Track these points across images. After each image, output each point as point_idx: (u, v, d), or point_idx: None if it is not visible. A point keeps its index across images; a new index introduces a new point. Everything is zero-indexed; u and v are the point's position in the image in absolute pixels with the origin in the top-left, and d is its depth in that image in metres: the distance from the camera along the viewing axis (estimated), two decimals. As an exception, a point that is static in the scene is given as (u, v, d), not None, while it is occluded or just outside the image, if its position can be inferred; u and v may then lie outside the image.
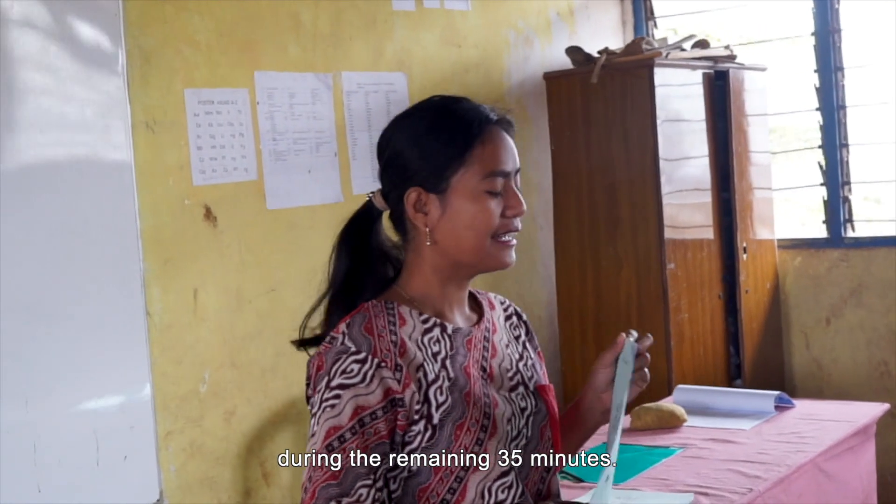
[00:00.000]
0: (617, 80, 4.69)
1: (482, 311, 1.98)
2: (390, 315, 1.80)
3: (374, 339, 1.75)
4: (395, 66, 4.35)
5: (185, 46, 3.63)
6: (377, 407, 1.72)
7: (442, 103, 1.88)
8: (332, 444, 1.70)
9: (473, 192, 1.81)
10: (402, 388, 1.74)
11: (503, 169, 1.83)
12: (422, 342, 1.80)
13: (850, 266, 5.16)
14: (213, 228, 3.69)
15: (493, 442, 1.80)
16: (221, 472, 3.69)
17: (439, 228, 1.82)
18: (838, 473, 3.47)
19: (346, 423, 1.70)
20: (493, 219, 1.81)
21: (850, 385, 5.17)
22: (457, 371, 1.82)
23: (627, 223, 4.68)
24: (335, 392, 1.72)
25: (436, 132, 1.83)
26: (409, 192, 1.83)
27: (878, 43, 5.16)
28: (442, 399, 1.77)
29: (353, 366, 1.72)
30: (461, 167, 1.81)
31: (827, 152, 5.23)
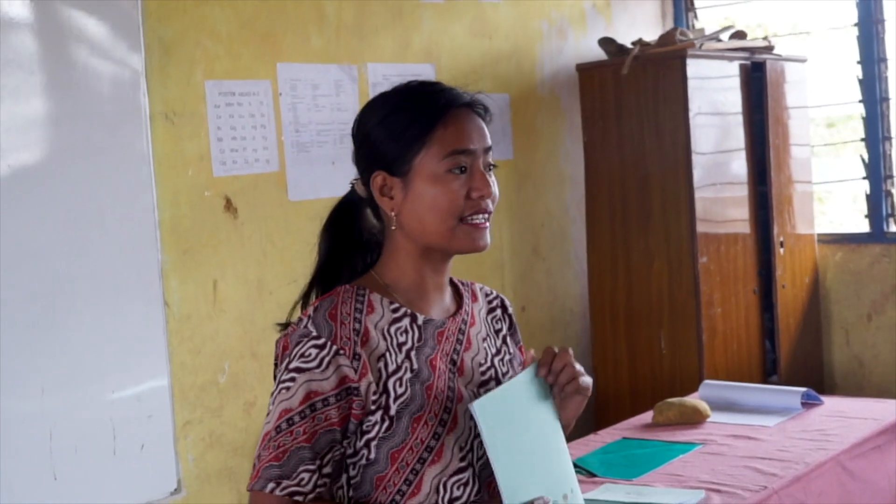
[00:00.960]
0: (650, 72, 4.63)
1: (462, 301, 1.94)
2: (359, 302, 1.79)
3: (336, 325, 1.74)
4: (422, 57, 4.33)
5: (206, 38, 3.64)
6: (330, 393, 1.70)
7: (411, 86, 1.85)
8: (282, 425, 1.70)
9: (434, 174, 1.77)
10: (359, 376, 1.72)
11: (466, 147, 1.78)
12: (388, 332, 1.78)
13: (893, 261, 5.06)
14: (233, 220, 3.69)
15: (452, 437, 1.78)
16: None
17: (404, 212, 1.79)
18: (864, 472, 3.40)
19: (297, 407, 1.70)
20: (457, 200, 1.77)
21: (892, 382, 5.06)
22: (421, 363, 1.80)
23: (659, 216, 4.62)
24: (291, 374, 1.72)
25: (398, 115, 1.80)
26: (375, 175, 1.80)
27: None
28: (401, 391, 1.76)
29: (312, 350, 1.72)
30: (422, 149, 1.77)
31: (870, 145, 5.12)
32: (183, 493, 3.54)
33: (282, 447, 1.69)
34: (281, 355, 1.78)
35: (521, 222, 4.77)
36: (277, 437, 1.70)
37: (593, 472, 3.10)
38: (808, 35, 5.48)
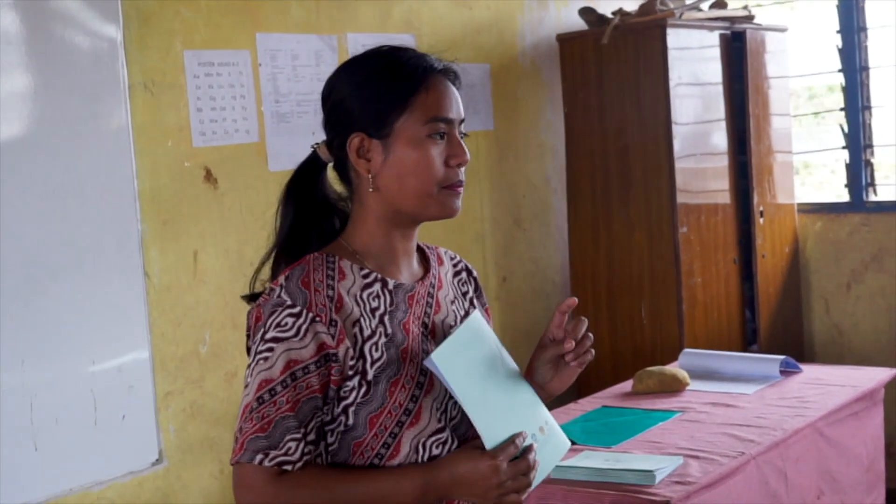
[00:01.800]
0: (630, 42, 4.63)
1: (429, 266, 1.96)
2: (330, 269, 1.79)
3: (310, 293, 1.74)
4: (403, 27, 4.31)
5: (185, 8, 3.62)
6: (310, 361, 1.71)
7: (386, 51, 1.87)
8: (263, 396, 1.70)
9: (416, 138, 1.79)
10: (336, 343, 1.73)
11: (446, 115, 1.81)
12: (360, 297, 1.79)
13: (872, 231, 5.09)
14: (213, 190, 3.69)
15: (430, 399, 1.80)
16: (222, 433, 3.70)
17: (382, 174, 1.80)
18: (841, 439, 3.44)
19: (278, 376, 1.70)
20: (436, 166, 1.80)
21: (871, 351, 5.10)
22: (395, 327, 1.81)
23: (640, 187, 4.63)
24: (269, 345, 1.72)
25: (379, 78, 1.81)
26: (352, 137, 1.80)
27: None
28: (377, 355, 1.77)
29: (288, 319, 1.72)
30: (404, 112, 1.79)
31: (849, 115, 5.14)
32: (164, 463, 3.54)
33: (266, 418, 1.69)
34: (254, 326, 1.78)
35: (502, 193, 4.77)
36: (260, 409, 1.70)
37: (573, 439, 3.12)
38: (789, 4, 5.49)
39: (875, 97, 5.11)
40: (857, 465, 3.52)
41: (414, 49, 1.89)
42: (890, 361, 4.87)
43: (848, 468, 3.46)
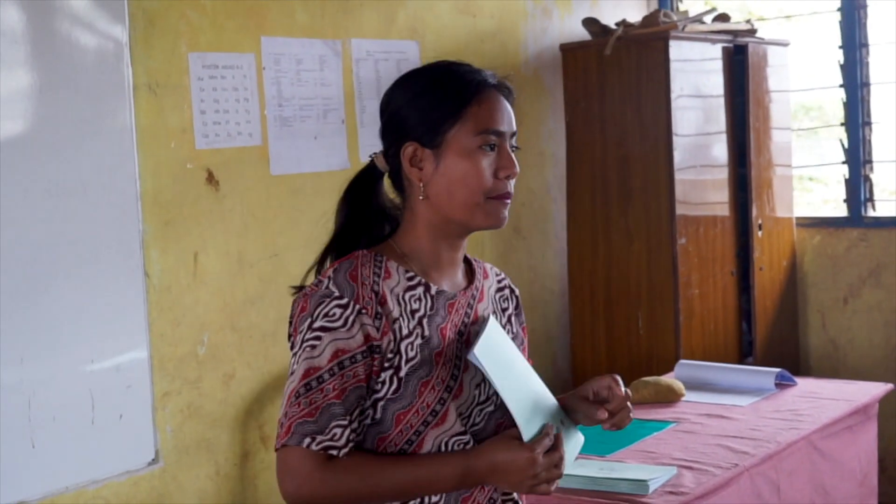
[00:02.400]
0: (633, 53, 4.65)
1: (473, 278, 2.01)
2: (377, 266, 1.85)
3: (357, 286, 1.80)
4: (406, 34, 4.34)
5: (190, 10, 3.64)
6: (357, 351, 1.77)
7: (443, 65, 1.94)
8: (311, 383, 1.75)
9: (467, 149, 1.85)
10: (381, 335, 1.79)
11: (497, 128, 1.87)
12: (402, 298, 1.85)
13: (870, 246, 5.10)
14: (215, 192, 3.70)
15: (456, 403, 1.85)
16: (219, 434, 3.72)
17: (433, 183, 1.86)
18: (834, 452, 3.45)
19: (326, 365, 1.75)
20: (485, 177, 1.85)
21: (867, 366, 5.11)
22: (432, 331, 1.86)
23: (639, 197, 4.64)
24: (316, 334, 1.77)
25: (433, 90, 1.88)
26: (406, 146, 1.87)
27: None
28: (412, 354, 1.82)
29: (336, 310, 1.77)
30: (456, 123, 1.85)
31: (849, 130, 5.16)
32: (160, 463, 3.56)
33: (313, 404, 1.74)
34: (299, 315, 1.82)
35: (503, 200, 4.78)
36: (308, 395, 1.75)
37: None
38: (791, 19, 5.51)
39: (875, 113, 5.13)
40: (851, 479, 3.53)
41: (470, 64, 1.94)
42: (885, 376, 4.87)
43: (841, 482, 3.47)
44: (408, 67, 4.22)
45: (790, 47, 5.24)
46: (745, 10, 5.80)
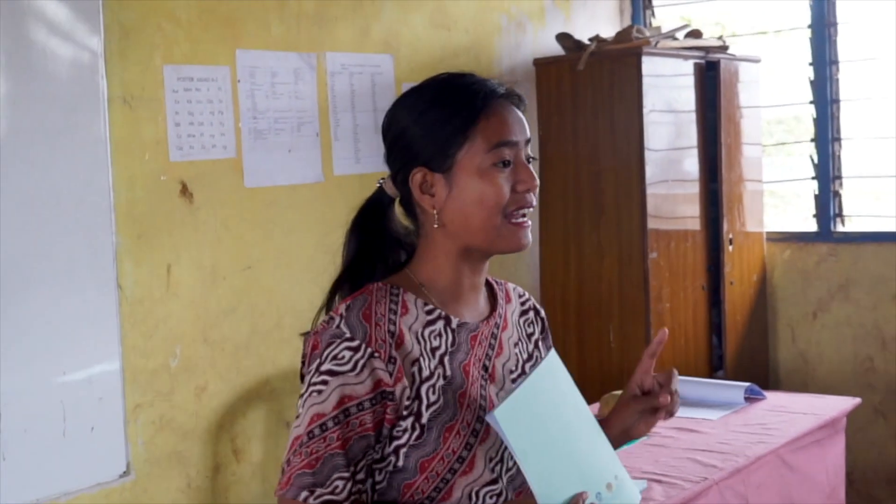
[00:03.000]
0: (605, 68, 4.68)
1: (496, 303, 1.87)
2: (393, 302, 1.73)
3: (370, 326, 1.68)
4: (381, 47, 4.35)
5: (166, 22, 3.65)
6: (365, 398, 1.65)
7: (445, 79, 1.79)
8: (314, 430, 1.65)
9: (480, 168, 1.71)
10: (394, 381, 1.67)
11: (509, 139, 1.73)
12: (421, 335, 1.72)
13: (839, 261, 5.15)
14: (188, 205, 3.71)
15: (484, 448, 1.73)
16: (191, 446, 3.71)
17: (447, 209, 1.73)
18: (803, 466, 3.48)
19: (331, 412, 1.65)
20: (503, 194, 1.71)
21: (835, 380, 5.16)
22: (454, 369, 1.74)
23: (612, 211, 4.68)
24: (323, 377, 1.66)
25: (438, 108, 1.74)
26: (414, 173, 1.75)
27: (873, 37, 5.14)
28: (433, 398, 1.70)
29: (345, 352, 1.66)
30: (465, 142, 1.72)
31: (819, 146, 5.21)
32: (132, 476, 3.55)
33: (314, 454, 1.64)
34: (310, 355, 1.71)
35: (476, 214, 4.80)
36: (310, 444, 1.64)
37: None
38: (764, 35, 5.56)
39: (845, 129, 5.18)
40: (819, 492, 3.56)
41: (473, 74, 1.80)
42: (853, 390, 4.92)
43: (809, 495, 3.50)
44: (382, 81, 4.31)
45: (762, 64, 5.29)
46: (718, 24, 5.86)
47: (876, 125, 5.20)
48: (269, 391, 3.94)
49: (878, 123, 5.19)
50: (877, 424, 5.06)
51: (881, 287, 5.02)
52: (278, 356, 3.95)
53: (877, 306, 5.04)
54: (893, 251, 4.99)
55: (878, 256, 5.03)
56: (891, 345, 5.01)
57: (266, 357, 3.92)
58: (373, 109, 4.27)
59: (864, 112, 5.21)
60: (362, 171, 4.22)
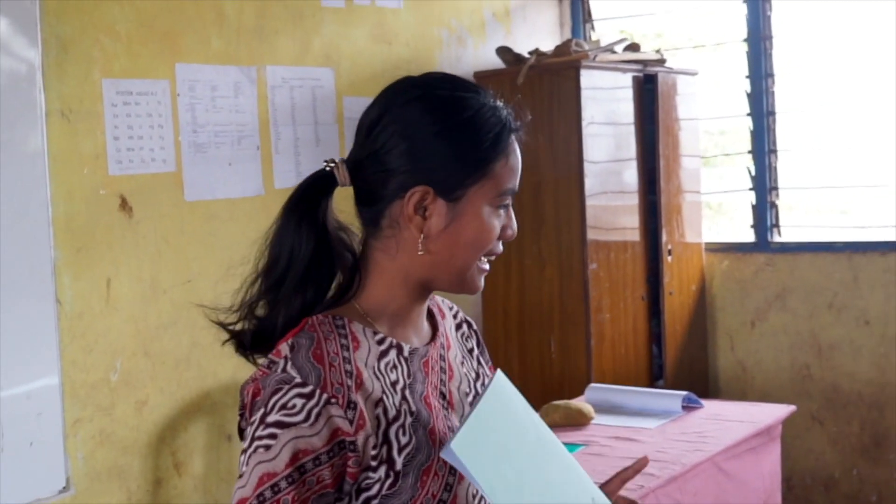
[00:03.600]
0: (545, 81, 4.73)
1: (435, 322, 1.72)
2: (342, 337, 1.53)
3: (324, 368, 1.48)
4: (322, 61, 4.37)
5: (104, 36, 3.64)
6: (322, 451, 1.45)
7: (470, 97, 1.61)
8: (265, 493, 1.43)
9: (486, 208, 1.58)
10: (355, 429, 1.46)
11: (515, 187, 1.62)
12: (379, 370, 1.54)
13: (776, 270, 5.23)
14: (128, 218, 3.70)
15: (464, 486, 1.57)
16: (131, 461, 3.70)
17: (439, 239, 1.57)
18: (739, 473, 3.53)
19: (283, 470, 1.43)
20: (494, 238, 1.60)
21: (773, 388, 5.24)
22: (417, 403, 1.56)
23: (552, 223, 4.72)
24: (271, 430, 1.44)
25: (470, 131, 1.57)
26: (416, 188, 1.55)
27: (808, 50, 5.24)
28: (405, 440, 1.52)
29: (296, 400, 1.45)
30: (482, 178, 1.57)
31: (756, 157, 5.29)
32: (72, 491, 3.54)
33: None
34: (250, 405, 1.50)
35: (418, 226, 4.83)
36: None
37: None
38: (703, 48, 5.64)
39: (781, 141, 5.27)
40: (755, 498, 3.62)
41: (492, 94, 1.65)
42: (790, 398, 5.01)
43: (746, 502, 3.56)
44: (323, 94, 4.32)
45: (699, 76, 5.37)
46: (660, 38, 5.93)
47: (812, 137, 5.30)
48: (210, 404, 3.93)
49: (814, 135, 5.29)
50: (814, 431, 5.14)
51: (817, 296, 5.11)
52: (219, 369, 3.95)
53: (813, 315, 5.13)
54: (829, 261, 5.08)
55: (813, 266, 5.12)
56: (827, 353, 5.10)
57: (207, 370, 3.92)
58: (313, 123, 4.29)
59: (800, 124, 5.31)
60: (303, 184, 4.23)
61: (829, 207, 5.81)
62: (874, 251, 4.98)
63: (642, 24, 5.86)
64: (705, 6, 5.47)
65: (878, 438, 5.00)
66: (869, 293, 4.98)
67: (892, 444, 4.97)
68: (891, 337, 4.93)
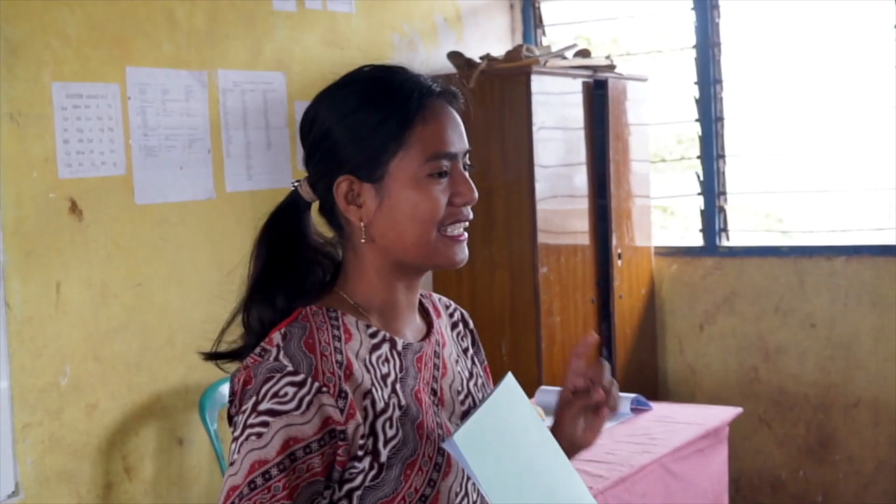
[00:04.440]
0: (496, 87, 4.76)
1: (430, 318, 1.71)
2: (335, 328, 1.54)
3: (315, 357, 1.49)
4: (273, 65, 4.38)
5: (54, 40, 3.63)
6: (313, 439, 1.45)
7: (375, 74, 1.62)
8: (256, 480, 1.44)
9: (415, 178, 1.54)
10: (346, 418, 1.47)
11: (449, 150, 1.57)
12: (370, 362, 1.54)
13: (724, 274, 5.29)
14: (78, 222, 3.69)
15: (448, 482, 1.56)
16: (81, 465, 3.69)
17: (377, 223, 1.56)
18: (686, 474, 3.58)
19: (274, 457, 1.44)
20: (439, 207, 1.55)
21: (721, 390, 5.30)
22: (408, 397, 1.57)
23: (503, 227, 4.75)
24: (263, 418, 1.45)
25: (369, 109, 1.55)
26: (340, 181, 1.56)
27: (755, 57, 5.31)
28: (392, 433, 1.52)
29: (288, 388, 1.46)
30: (399, 150, 1.54)
31: (704, 163, 5.35)
32: (21, 495, 3.52)
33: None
34: (241, 392, 1.50)
35: (369, 230, 4.84)
36: (251, 495, 1.43)
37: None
38: (656, 54, 5.69)
39: (729, 146, 5.33)
40: (702, 499, 3.67)
41: (406, 69, 1.63)
42: (738, 400, 5.07)
43: (693, 502, 3.61)
44: (274, 98, 4.33)
45: (650, 82, 5.42)
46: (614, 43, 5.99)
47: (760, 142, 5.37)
48: (160, 408, 3.93)
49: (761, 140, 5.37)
50: (761, 433, 5.21)
51: (764, 300, 5.18)
52: (170, 373, 3.94)
53: (760, 318, 5.20)
54: (776, 265, 5.15)
55: (761, 270, 5.19)
56: (774, 356, 5.17)
57: (158, 374, 3.91)
58: (265, 127, 4.30)
59: (748, 129, 5.38)
60: (254, 187, 4.24)
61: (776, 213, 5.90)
62: (819, 255, 5.05)
63: (595, 29, 5.92)
64: (657, 12, 5.52)
65: (823, 439, 5.08)
66: (815, 297, 5.06)
67: (838, 445, 5.04)
68: (836, 340, 5.01)
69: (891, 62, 4.84)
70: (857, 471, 5.01)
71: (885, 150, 4.93)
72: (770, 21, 5.27)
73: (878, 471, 4.96)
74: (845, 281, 4.97)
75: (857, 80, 5.03)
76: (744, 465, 5.21)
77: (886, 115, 4.88)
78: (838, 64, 5.06)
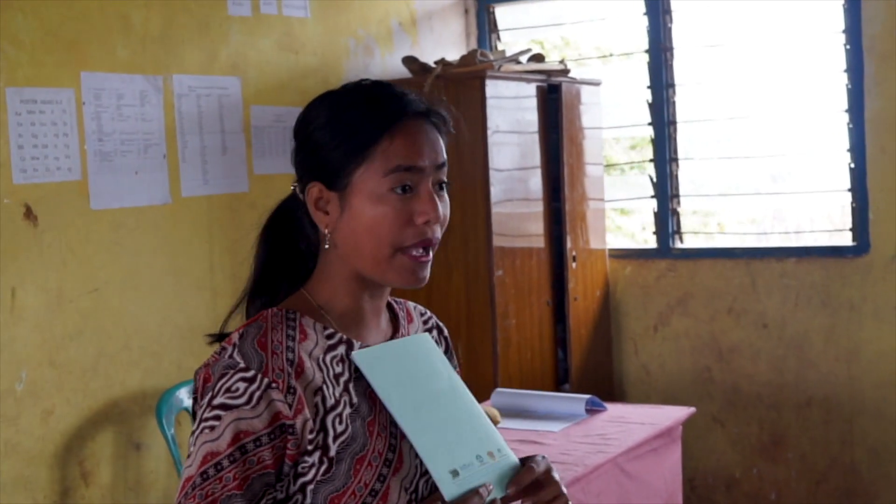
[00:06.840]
0: (451, 91, 4.79)
1: (398, 324, 1.76)
2: (290, 328, 1.60)
3: (266, 355, 1.55)
4: (229, 70, 4.38)
5: (8, 45, 3.62)
6: (262, 432, 1.52)
7: (363, 86, 1.66)
8: (208, 471, 1.51)
9: (375, 192, 1.57)
10: (294, 413, 1.53)
11: (412, 164, 1.58)
12: (323, 361, 1.59)
13: (678, 276, 5.35)
14: (33, 227, 3.68)
15: (398, 478, 1.61)
16: (37, 471, 3.68)
17: (339, 232, 1.61)
18: (640, 474, 3.62)
19: (225, 449, 1.51)
20: (395, 224, 1.57)
21: (676, 390, 5.36)
22: (360, 396, 1.61)
23: (458, 230, 4.78)
24: (216, 412, 1.52)
25: (346, 120, 1.60)
26: (311, 186, 1.62)
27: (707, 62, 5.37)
28: (341, 428, 1.57)
29: (240, 384, 1.53)
30: (363, 162, 1.58)
31: (657, 166, 5.41)
32: (-24, 502, 3.51)
33: (210, 496, 1.50)
34: (201, 389, 1.58)
35: (326, 234, 4.86)
36: (204, 485, 1.50)
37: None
38: (609, 58, 5.74)
39: (682, 149, 5.40)
40: (657, 498, 3.71)
41: (396, 87, 1.66)
42: (692, 400, 5.13)
43: (648, 501, 3.65)
44: (230, 103, 4.34)
45: (603, 86, 5.47)
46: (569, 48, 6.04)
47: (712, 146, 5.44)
48: (117, 413, 3.92)
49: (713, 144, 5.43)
50: (715, 432, 5.27)
51: (717, 301, 5.24)
52: (127, 378, 3.94)
53: (713, 319, 5.26)
54: (728, 267, 5.22)
55: (713, 272, 5.26)
56: (727, 355, 5.23)
57: (114, 379, 3.91)
58: (220, 131, 4.30)
59: (700, 133, 5.44)
60: (210, 192, 4.25)
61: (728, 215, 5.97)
62: (771, 257, 5.12)
63: (549, 34, 5.96)
64: (610, 17, 5.58)
65: (776, 438, 5.15)
66: (766, 298, 5.13)
67: (790, 443, 5.12)
68: (788, 340, 5.08)
69: (840, 65, 4.92)
70: (810, 468, 5.08)
71: (835, 152, 5.00)
72: (722, 25, 5.33)
73: (830, 468, 5.04)
74: (796, 282, 5.05)
75: (808, 84, 5.10)
76: (698, 464, 5.27)
77: (837, 117, 4.96)
78: (789, 67, 5.13)
